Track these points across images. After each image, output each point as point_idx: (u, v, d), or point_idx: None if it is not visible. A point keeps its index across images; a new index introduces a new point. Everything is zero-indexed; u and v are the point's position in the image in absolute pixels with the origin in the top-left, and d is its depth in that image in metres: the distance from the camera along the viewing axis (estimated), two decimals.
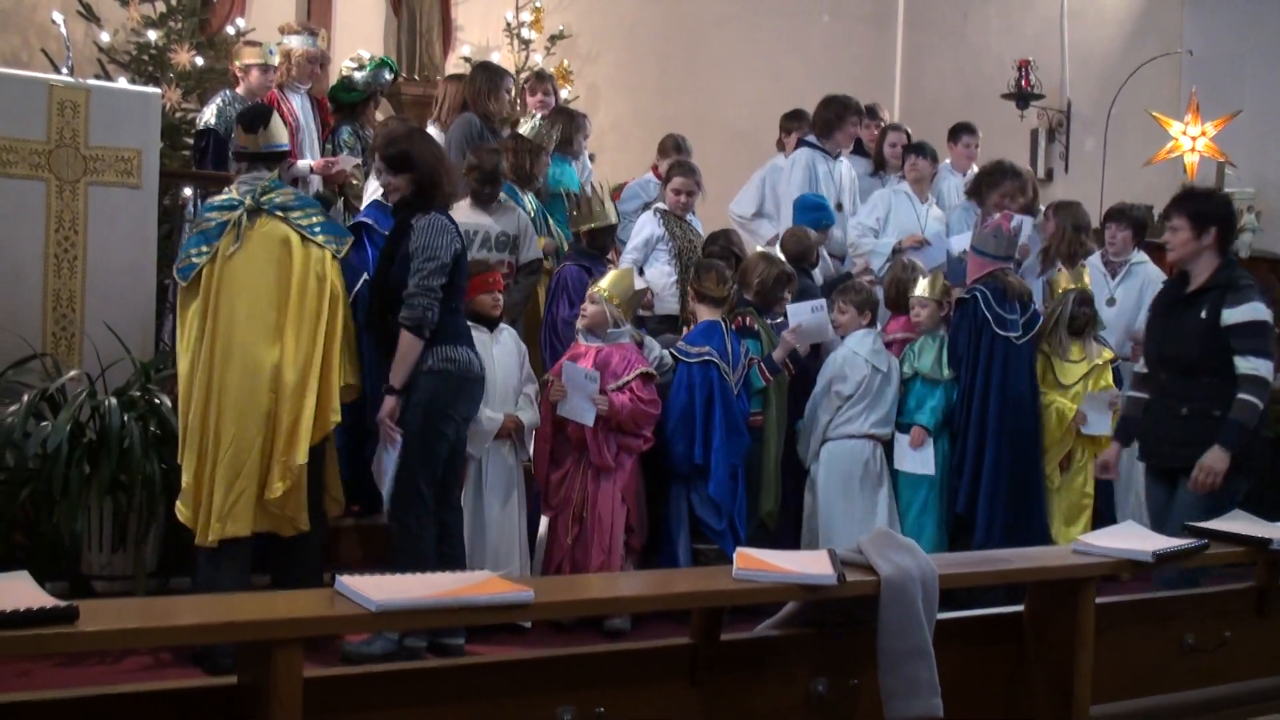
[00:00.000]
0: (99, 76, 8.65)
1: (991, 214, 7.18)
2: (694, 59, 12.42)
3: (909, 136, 8.76)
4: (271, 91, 7.80)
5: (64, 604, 2.59)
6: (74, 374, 5.83)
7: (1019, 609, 4.17)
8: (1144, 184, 9.33)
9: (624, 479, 5.99)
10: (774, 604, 3.79)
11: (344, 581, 2.99)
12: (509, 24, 11.36)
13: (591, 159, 8.65)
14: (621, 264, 7.03)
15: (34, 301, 6.04)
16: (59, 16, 7.03)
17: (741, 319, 6.59)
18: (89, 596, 5.35)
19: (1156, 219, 7.49)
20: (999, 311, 6.62)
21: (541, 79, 8.49)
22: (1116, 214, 7.82)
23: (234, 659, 3.16)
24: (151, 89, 6.96)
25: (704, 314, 6.42)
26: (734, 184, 8.87)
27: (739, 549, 3.70)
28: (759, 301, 6.71)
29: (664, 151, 8.31)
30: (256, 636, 2.77)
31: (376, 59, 8.37)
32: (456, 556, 5.43)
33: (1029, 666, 4.06)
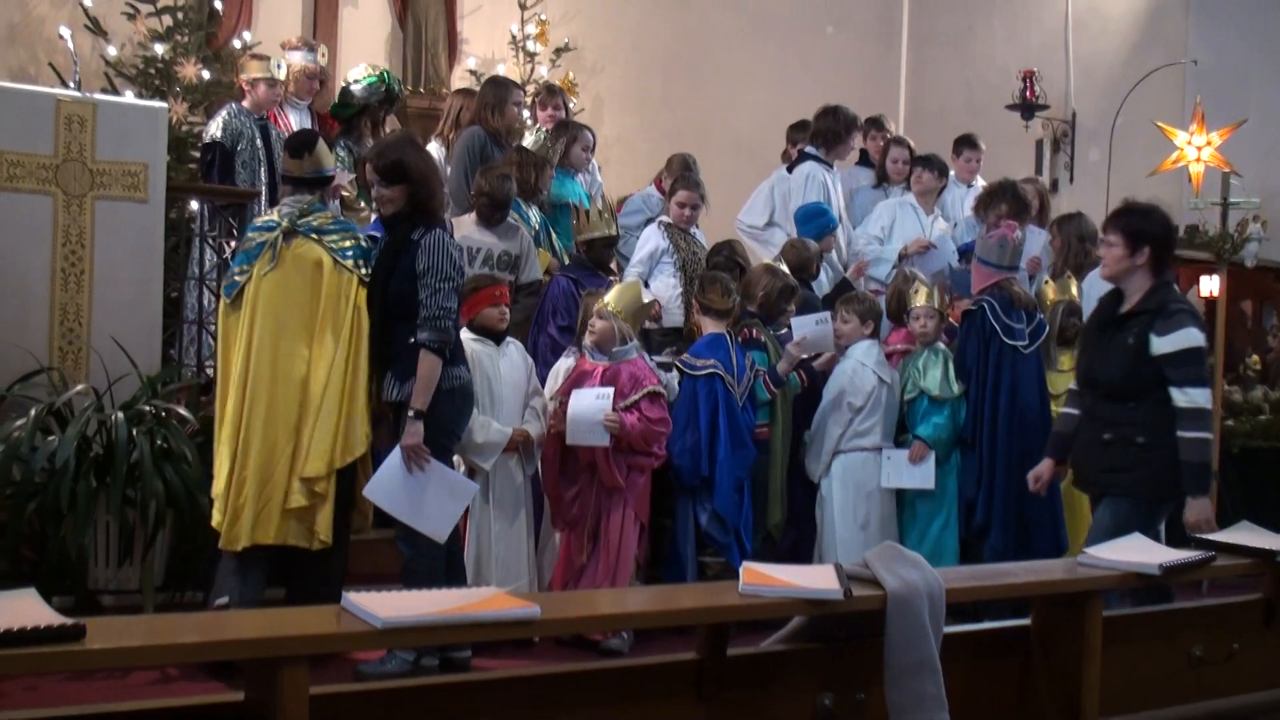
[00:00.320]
0: (106, 90, 8.65)
1: (994, 227, 7.18)
2: (699, 71, 12.43)
3: (912, 151, 8.75)
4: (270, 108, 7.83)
5: (71, 622, 2.59)
6: (81, 388, 5.84)
7: (1025, 622, 4.17)
8: (1149, 194, 9.15)
9: (636, 499, 5.96)
10: (781, 618, 3.79)
11: (350, 598, 2.99)
12: (514, 36, 11.34)
13: (599, 171, 8.63)
14: (626, 278, 7.02)
15: (41, 316, 6.06)
16: (66, 31, 7.08)
17: (747, 331, 6.59)
18: (96, 611, 5.37)
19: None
20: (1006, 322, 6.64)
21: (552, 93, 8.48)
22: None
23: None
24: (158, 103, 6.97)
25: (709, 326, 6.42)
26: (739, 196, 8.86)
27: (745, 563, 3.70)
28: (763, 314, 6.71)
29: (671, 169, 8.24)
30: (263, 654, 2.77)
31: (373, 73, 8.34)
32: (458, 575, 5.43)
33: (1036, 680, 4.05)
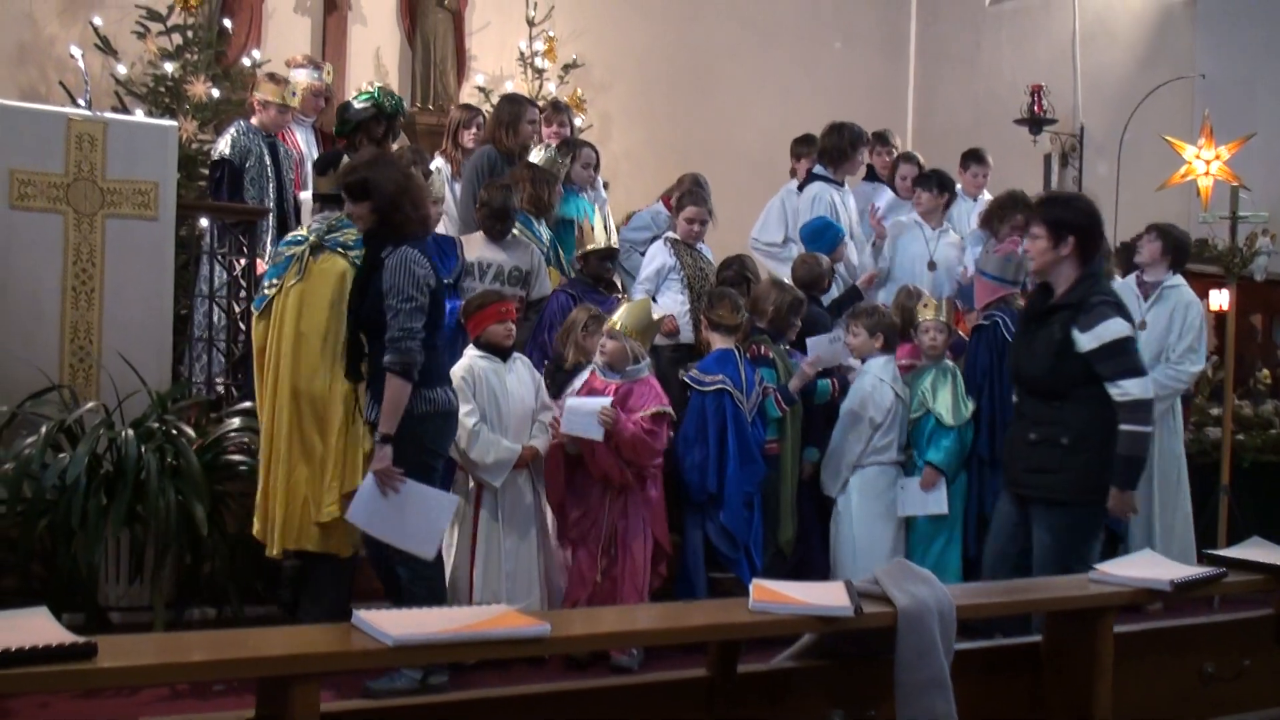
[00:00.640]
0: (116, 109, 8.70)
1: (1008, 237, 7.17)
2: (706, 87, 12.45)
3: (921, 166, 8.71)
4: None
5: (82, 640, 2.59)
6: (91, 405, 5.86)
7: (1036, 639, 4.16)
8: (1158, 208, 9.28)
9: (650, 512, 5.93)
10: (791, 635, 3.78)
11: (361, 616, 2.99)
12: (522, 53, 11.38)
13: (605, 188, 8.61)
14: (634, 294, 7.01)
15: (52, 333, 6.09)
16: (77, 50, 7.10)
17: (756, 348, 6.58)
18: (106, 628, 5.38)
19: None
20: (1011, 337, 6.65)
21: (558, 109, 8.44)
22: (1154, 227, 7.56)
23: None
24: (168, 122, 7.01)
25: (717, 342, 6.41)
26: (747, 210, 8.85)
27: (755, 580, 3.69)
28: (773, 329, 6.69)
29: (682, 186, 8.11)
30: (274, 672, 2.78)
31: (370, 90, 8.38)
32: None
33: (1047, 697, 4.04)
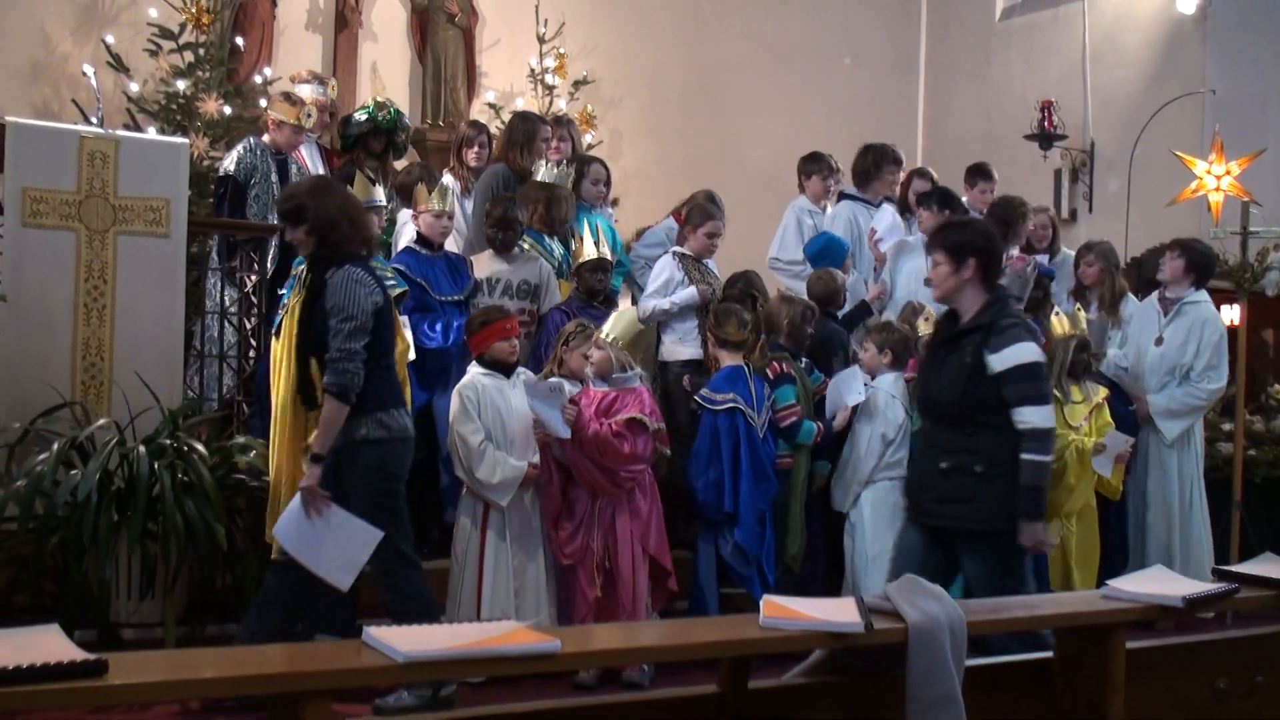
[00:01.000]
0: (128, 126, 8.73)
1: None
2: (717, 103, 12.47)
3: (934, 181, 8.67)
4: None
5: (93, 657, 2.60)
6: (103, 422, 5.87)
7: (1048, 655, 4.15)
8: (1168, 224, 9.28)
9: (640, 526, 5.89)
10: (802, 651, 3.78)
11: (371, 632, 3.00)
12: (533, 70, 11.41)
13: (614, 204, 8.58)
14: (643, 307, 7.01)
15: (64, 350, 6.11)
16: (89, 68, 7.13)
17: (777, 365, 6.53)
18: (118, 644, 5.38)
19: None
20: None
21: (560, 124, 8.37)
22: (1176, 243, 7.54)
23: None
24: (180, 139, 7.03)
25: (726, 359, 6.41)
26: (756, 226, 8.85)
27: (766, 596, 3.68)
28: (791, 343, 6.67)
29: (694, 203, 8.10)
30: (284, 689, 2.78)
31: (371, 102, 8.42)
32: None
33: (1060, 714, 4.03)
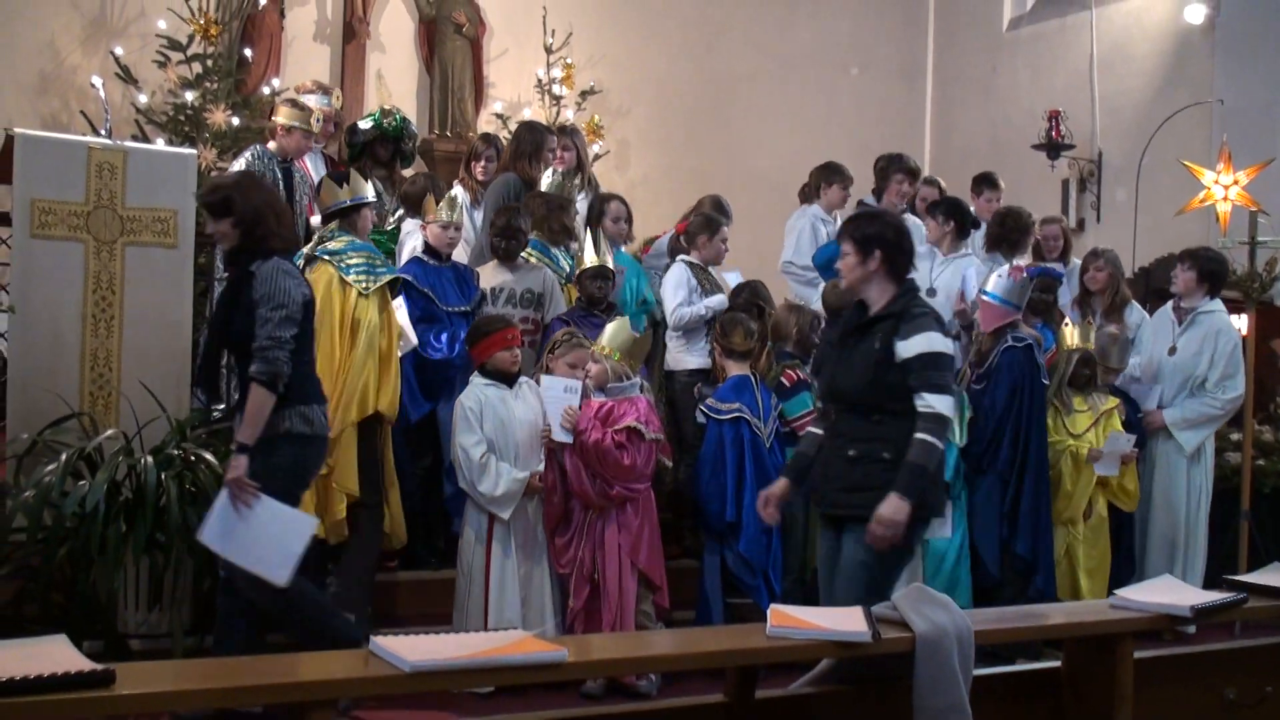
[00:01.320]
0: (136, 138, 8.76)
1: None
2: (724, 113, 12.49)
3: (942, 190, 8.66)
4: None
5: (101, 668, 2.61)
6: (111, 433, 5.87)
7: (1056, 664, 4.14)
8: (1176, 233, 9.28)
9: (629, 540, 5.82)
10: (809, 660, 3.78)
11: (378, 642, 3.00)
12: (540, 80, 11.44)
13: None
14: (679, 314, 7.01)
15: (72, 361, 6.11)
16: (98, 80, 7.17)
17: (792, 374, 6.52)
18: (126, 655, 5.38)
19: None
20: (1039, 359, 6.71)
21: (564, 132, 8.23)
22: (1186, 254, 7.50)
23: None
24: (187, 150, 7.04)
25: (732, 369, 6.41)
26: (764, 236, 8.86)
27: (773, 606, 3.69)
28: (800, 351, 6.68)
29: (703, 208, 7.87)
30: (291, 699, 2.78)
31: (377, 110, 8.45)
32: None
33: None
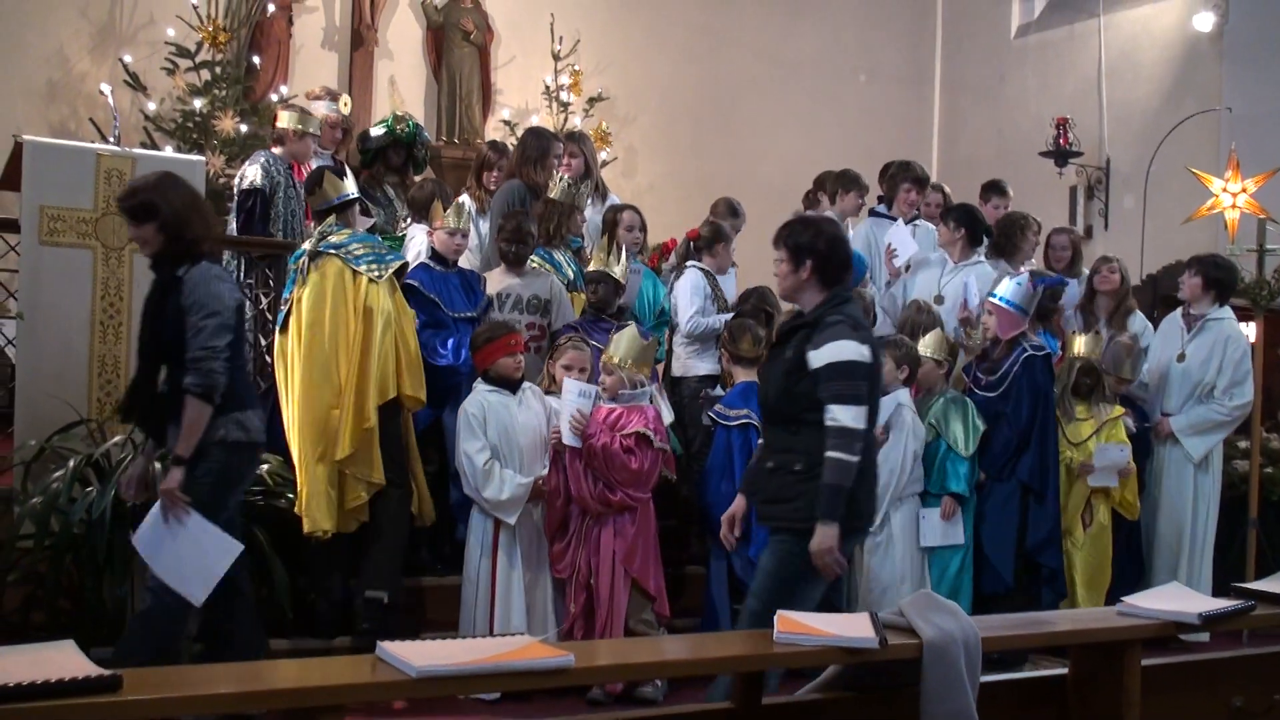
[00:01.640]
0: (145, 145, 8.78)
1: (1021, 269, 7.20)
2: (730, 120, 12.50)
3: (946, 196, 8.66)
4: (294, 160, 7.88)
5: (108, 673, 2.61)
6: (119, 439, 5.87)
7: (1063, 671, 4.13)
8: (1184, 241, 9.27)
9: (624, 548, 5.78)
10: (816, 666, 3.77)
11: (385, 647, 3.00)
12: (548, 87, 11.46)
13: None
14: (683, 320, 7.07)
15: (80, 368, 6.12)
16: (107, 87, 7.19)
17: None
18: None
19: None
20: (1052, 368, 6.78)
21: (572, 139, 8.20)
22: (1194, 261, 7.47)
23: None
24: (195, 157, 7.06)
25: (740, 375, 6.41)
26: (769, 242, 8.81)
27: (780, 612, 3.68)
28: None
29: (716, 213, 8.07)
30: (298, 704, 2.79)
31: (389, 116, 8.45)
32: (249, 640, 5.05)
33: None
